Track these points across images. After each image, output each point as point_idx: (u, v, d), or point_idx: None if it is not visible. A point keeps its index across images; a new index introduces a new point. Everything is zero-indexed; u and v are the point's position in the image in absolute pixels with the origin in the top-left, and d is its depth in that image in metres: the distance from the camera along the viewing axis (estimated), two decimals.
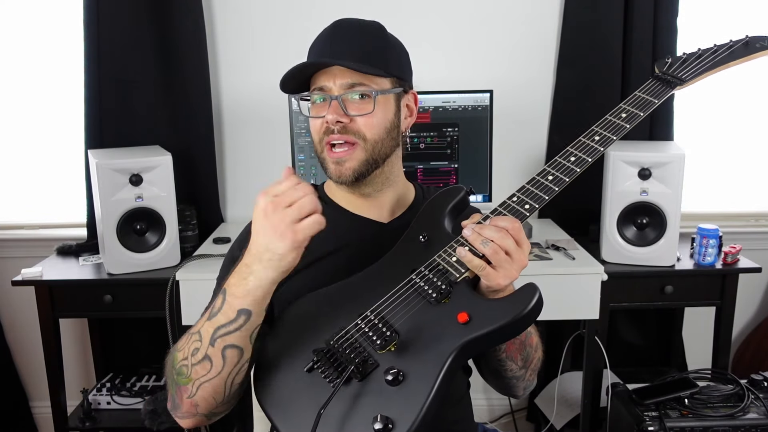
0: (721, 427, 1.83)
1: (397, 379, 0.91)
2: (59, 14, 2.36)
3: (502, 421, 2.62)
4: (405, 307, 0.99)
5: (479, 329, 0.92)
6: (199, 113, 2.31)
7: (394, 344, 0.94)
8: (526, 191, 1.05)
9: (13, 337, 2.55)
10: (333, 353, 0.97)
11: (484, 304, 0.95)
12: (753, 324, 2.63)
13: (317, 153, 1.17)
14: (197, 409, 1.01)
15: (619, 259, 2.04)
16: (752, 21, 2.43)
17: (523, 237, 0.97)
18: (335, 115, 1.09)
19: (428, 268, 1.01)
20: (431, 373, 0.90)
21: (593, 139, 1.08)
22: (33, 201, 2.52)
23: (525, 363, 1.14)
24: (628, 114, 1.11)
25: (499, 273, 0.95)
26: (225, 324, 0.97)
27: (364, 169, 1.13)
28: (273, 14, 2.33)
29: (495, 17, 2.35)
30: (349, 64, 1.08)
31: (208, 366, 0.98)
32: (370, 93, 1.11)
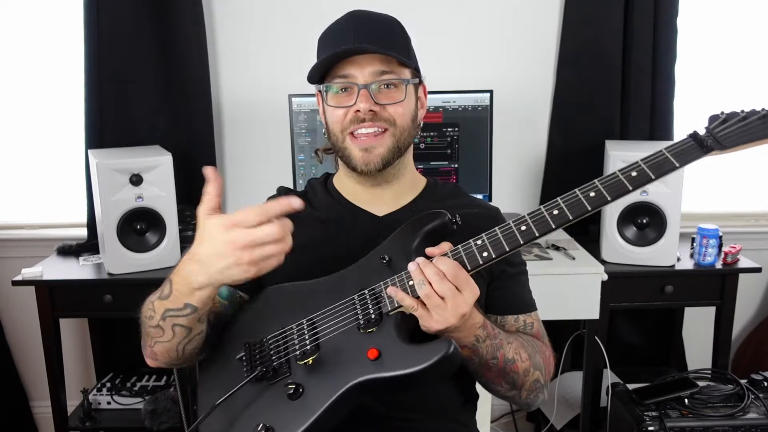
0: (721, 427, 1.83)
1: (295, 393, 0.96)
2: (59, 14, 2.36)
3: (502, 421, 2.62)
4: (336, 325, 1.01)
5: (381, 371, 0.93)
6: (199, 113, 2.31)
7: (312, 359, 0.98)
8: (493, 237, 0.98)
9: (13, 337, 2.54)
10: (262, 349, 1.04)
11: (397, 347, 0.95)
12: (753, 324, 2.63)
13: (336, 143, 1.15)
14: (157, 358, 1.09)
15: (619, 259, 2.04)
16: (752, 21, 2.43)
17: (464, 283, 0.94)
18: (368, 104, 1.09)
19: (371, 291, 1.02)
20: (322, 399, 0.94)
21: (587, 195, 0.94)
22: (33, 201, 2.52)
23: (513, 386, 1.11)
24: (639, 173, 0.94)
25: (432, 316, 0.94)
26: (173, 309, 1.00)
27: (390, 156, 1.13)
28: (273, 14, 2.33)
29: (495, 17, 2.35)
30: (386, 51, 1.08)
31: (160, 333, 1.03)
32: (401, 82, 1.11)
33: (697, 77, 2.44)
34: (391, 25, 1.16)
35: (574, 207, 0.95)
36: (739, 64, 2.47)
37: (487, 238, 0.98)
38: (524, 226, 0.96)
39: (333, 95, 1.13)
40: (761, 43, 2.46)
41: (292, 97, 2.12)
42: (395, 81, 1.11)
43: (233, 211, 2.72)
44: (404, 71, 1.13)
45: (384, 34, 1.12)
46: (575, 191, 0.96)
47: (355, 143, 1.12)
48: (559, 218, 0.95)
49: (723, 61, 2.46)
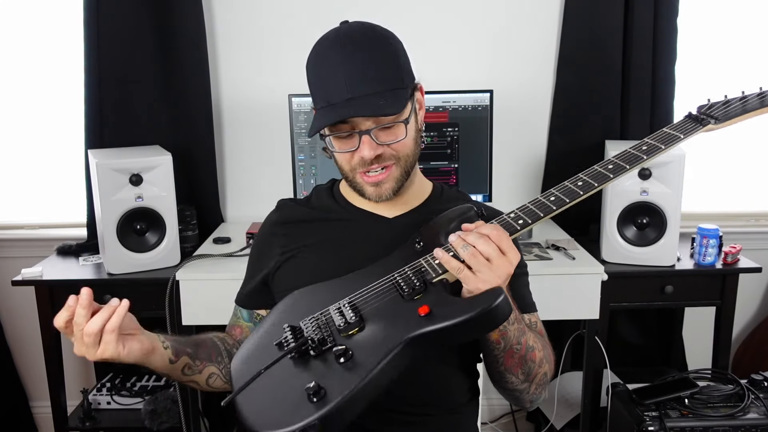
0: (721, 427, 1.83)
1: (344, 355, 0.94)
2: (59, 14, 2.36)
3: (502, 421, 2.62)
4: (377, 298, 1.02)
5: (435, 323, 0.93)
6: (199, 113, 2.31)
7: (356, 330, 0.98)
8: (524, 208, 1.05)
9: (13, 337, 2.55)
10: (301, 331, 1.02)
11: (448, 301, 0.97)
12: (753, 324, 2.63)
13: (347, 178, 1.18)
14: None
15: (619, 259, 2.04)
16: (752, 21, 2.43)
17: (507, 246, 0.97)
18: (372, 151, 1.10)
19: (411, 267, 1.04)
20: (375, 356, 0.93)
21: (606, 167, 1.06)
22: (33, 201, 2.52)
23: (527, 377, 1.12)
24: (648, 146, 1.07)
25: (478, 277, 0.96)
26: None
27: (399, 185, 1.16)
28: (273, 14, 2.33)
29: (495, 17, 2.35)
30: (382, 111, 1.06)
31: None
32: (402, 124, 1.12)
33: (697, 77, 2.44)
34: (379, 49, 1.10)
35: (596, 177, 1.05)
36: (739, 64, 2.47)
37: (518, 210, 1.05)
38: (553, 197, 1.04)
39: (335, 140, 1.14)
40: (761, 43, 2.46)
41: (292, 97, 2.12)
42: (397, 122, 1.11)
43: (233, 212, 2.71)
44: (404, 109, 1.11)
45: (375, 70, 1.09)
46: (594, 167, 1.06)
47: (365, 180, 1.15)
48: (584, 187, 1.04)
49: (723, 62, 2.46)
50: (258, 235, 1.30)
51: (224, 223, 2.45)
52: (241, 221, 2.41)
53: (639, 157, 1.06)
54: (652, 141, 1.08)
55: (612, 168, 1.05)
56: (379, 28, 1.13)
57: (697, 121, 1.11)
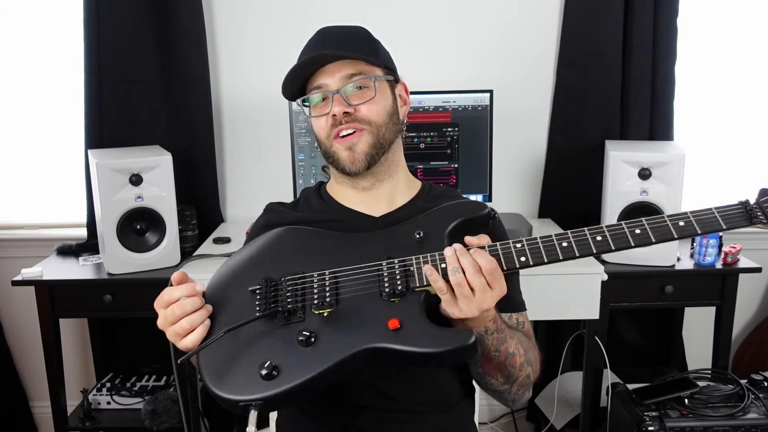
0: (721, 427, 1.83)
1: (307, 341, 0.96)
2: (59, 14, 2.36)
3: (502, 421, 2.62)
4: (359, 286, 1.03)
5: (398, 343, 0.94)
6: (199, 113, 2.31)
7: (328, 311, 0.99)
8: (533, 244, 1.00)
9: (13, 337, 2.55)
10: (277, 289, 1.04)
11: (420, 324, 0.96)
12: (753, 324, 2.63)
13: (325, 150, 1.20)
14: None
15: (619, 259, 2.03)
16: (752, 21, 2.43)
17: (497, 282, 0.97)
18: (341, 107, 1.13)
19: (401, 263, 1.03)
20: (334, 353, 0.95)
21: (633, 232, 1.00)
22: (33, 201, 2.52)
23: (507, 380, 1.13)
24: (687, 223, 0.99)
25: (456, 305, 0.96)
26: None
27: (373, 152, 1.16)
28: (273, 14, 2.33)
29: (495, 17, 2.35)
30: (346, 53, 1.13)
31: None
32: (370, 81, 1.15)
33: (697, 77, 2.45)
34: (357, 33, 1.20)
35: (618, 238, 1.00)
36: (739, 64, 2.47)
37: (527, 244, 1.00)
38: (566, 243, 1.00)
39: (314, 107, 1.19)
40: (761, 43, 2.46)
41: (295, 103, 2.11)
42: (364, 80, 1.15)
43: (233, 212, 2.71)
44: (374, 70, 1.17)
45: (349, 41, 1.17)
46: (621, 224, 1.00)
47: (339, 143, 1.16)
48: (601, 245, 0.99)
49: (723, 62, 2.46)
50: (247, 240, 1.30)
51: (224, 223, 2.45)
52: (241, 221, 2.41)
53: (670, 233, 0.99)
54: (692, 219, 0.99)
55: (639, 234, 1.00)
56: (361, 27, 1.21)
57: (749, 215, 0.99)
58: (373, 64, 1.16)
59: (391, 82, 1.20)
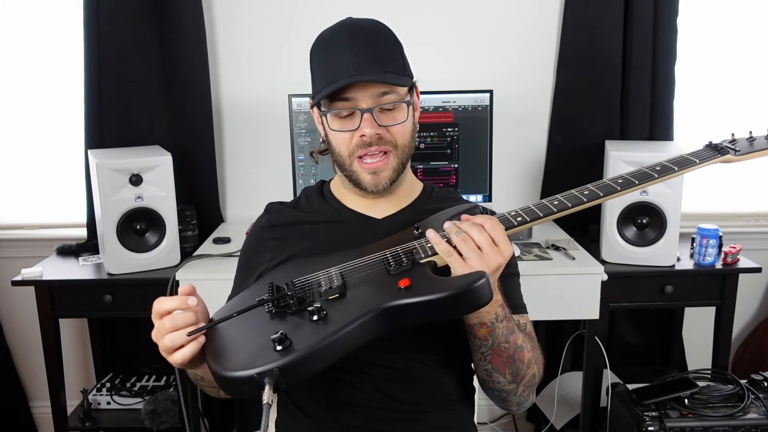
0: (721, 427, 1.83)
1: (317, 313, 0.94)
2: (59, 14, 2.36)
3: (502, 421, 2.62)
4: (365, 271, 1.04)
5: (412, 297, 0.93)
6: (199, 113, 2.31)
7: (337, 294, 0.99)
8: (525, 208, 1.06)
9: (13, 337, 2.55)
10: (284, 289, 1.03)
11: (429, 278, 0.97)
12: (753, 324, 2.63)
13: (343, 166, 1.17)
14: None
15: (619, 259, 2.04)
16: (752, 21, 2.43)
17: (500, 237, 0.98)
18: (373, 129, 1.11)
19: (403, 248, 1.06)
20: (346, 318, 0.93)
21: (616, 181, 1.06)
22: (33, 201, 2.52)
23: (514, 378, 1.12)
24: (663, 167, 1.08)
25: (466, 263, 0.96)
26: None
27: (396, 176, 1.17)
28: (273, 14, 2.33)
29: (495, 17, 2.35)
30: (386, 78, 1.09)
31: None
32: (403, 104, 1.14)
33: (697, 77, 2.44)
34: (384, 38, 1.15)
35: (602, 188, 1.06)
36: (739, 64, 2.47)
37: (519, 209, 1.05)
38: (556, 201, 1.05)
39: (335, 118, 1.14)
40: (761, 43, 2.46)
41: (292, 97, 2.12)
42: (398, 102, 1.13)
43: (233, 212, 2.71)
44: (402, 89, 1.15)
45: (380, 54, 1.12)
46: (603, 180, 1.07)
47: (363, 167, 1.15)
48: (590, 196, 1.05)
49: (723, 62, 2.46)
50: (248, 240, 1.30)
51: (224, 223, 2.45)
52: (241, 221, 2.41)
53: (650, 176, 1.06)
54: (667, 163, 1.08)
55: (621, 182, 1.06)
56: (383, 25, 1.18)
57: (716, 150, 1.11)
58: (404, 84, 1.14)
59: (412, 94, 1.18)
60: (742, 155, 1.11)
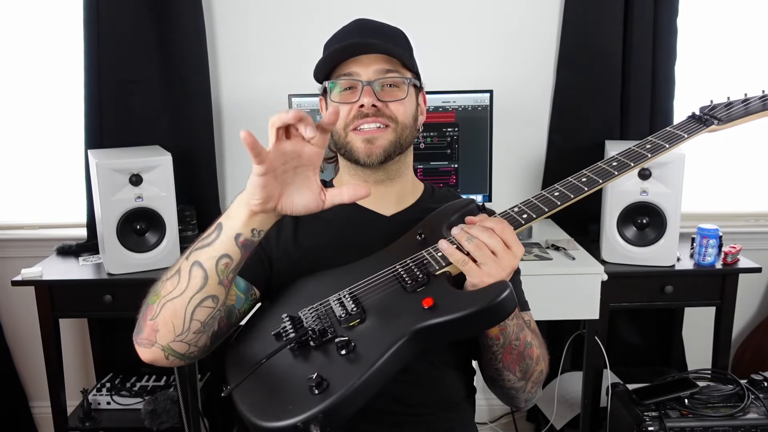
0: (721, 427, 1.83)
1: (346, 347, 0.92)
2: (59, 14, 2.36)
3: (502, 421, 2.62)
4: (379, 290, 1.01)
5: (440, 316, 0.91)
6: (199, 113, 2.31)
7: (357, 321, 0.96)
8: (528, 203, 1.05)
9: (13, 337, 2.55)
10: (300, 321, 1.00)
11: (452, 294, 0.95)
12: (753, 324, 2.63)
13: (338, 140, 1.16)
14: (156, 336, 1.02)
15: (619, 259, 2.04)
16: (752, 21, 2.43)
17: (512, 239, 0.97)
18: (371, 99, 1.11)
19: (413, 259, 1.03)
20: (379, 349, 0.90)
21: (610, 164, 1.06)
22: (33, 201, 2.52)
23: (524, 375, 1.12)
24: (653, 145, 1.08)
25: (483, 270, 0.94)
26: (203, 237, 1.00)
27: (392, 150, 1.14)
28: (273, 14, 2.33)
29: (495, 17, 2.35)
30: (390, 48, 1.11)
31: (175, 281, 1.00)
32: (403, 81, 1.15)
33: (697, 77, 2.44)
34: (396, 32, 1.20)
35: (600, 173, 1.04)
36: (739, 64, 2.47)
37: (522, 205, 1.04)
38: (557, 192, 1.04)
39: (337, 93, 1.15)
40: (761, 43, 2.46)
41: (292, 97, 2.12)
42: (398, 79, 1.14)
43: None
44: (407, 72, 1.16)
45: (389, 38, 1.15)
46: (597, 163, 1.06)
47: (357, 135, 1.14)
48: (588, 183, 1.03)
49: (723, 62, 2.46)
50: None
51: None
52: None
53: (643, 155, 1.06)
54: (656, 140, 1.09)
55: (616, 165, 1.05)
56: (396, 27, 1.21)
57: (701, 121, 1.11)
58: (407, 67, 1.16)
59: (417, 88, 1.20)
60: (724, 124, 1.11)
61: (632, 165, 1.05)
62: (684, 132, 1.09)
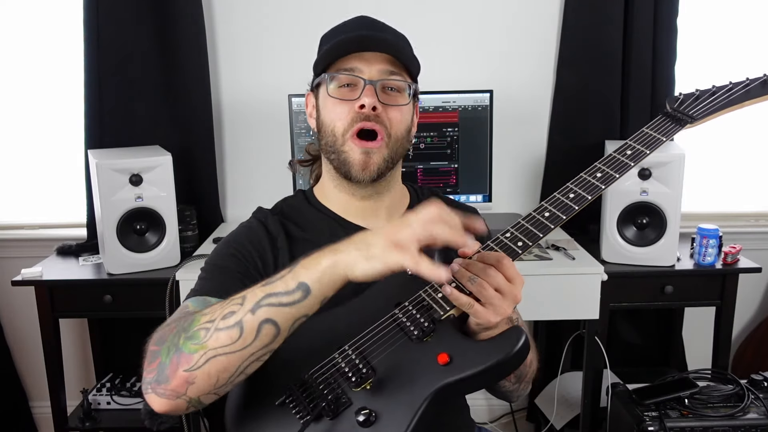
0: (721, 427, 1.83)
1: (369, 420, 0.87)
2: (59, 14, 2.36)
3: (502, 421, 2.62)
4: (385, 344, 0.95)
5: (459, 372, 0.88)
6: (199, 113, 2.31)
7: (369, 383, 0.91)
8: (520, 227, 1.00)
9: (13, 337, 2.55)
10: (306, 388, 0.93)
11: (466, 345, 0.91)
12: (753, 324, 2.63)
13: (334, 145, 1.10)
14: (187, 389, 0.86)
15: (619, 259, 2.04)
16: (752, 21, 2.43)
17: (513, 273, 0.93)
18: (373, 99, 1.06)
19: (412, 303, 0.97)
20: (404, 416, 0.87)
21: (595, 176, 1.03)
22: (33, 201, 2.52)
23: (519, 380, 1.13)
24: (633, 151, 1.05)
25: (489, 310, 0.91)
26: (279, 293, 0.86)
27: (384, 167, 1.10)
28: (273, 14, 2.33)
29: (495, 17, 2.35)
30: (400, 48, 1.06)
31: (234, 335, 0.85)
32: (406, 86, 1.10)
33: (697, 77, 2.44)
34: (401, 35, 1.16)
35: (587, 188, 1.02)
36: (739, 65, 2.47)
37: (515, 230, 1.00)
38: (547, 212, 1.01)
39: (335, 88, 1.09)
40: (761, 43, 2.46)
41: (292, 97, 2.12)
42: (401, 84, 1.10)
43: (233, 212, 2.70)
44: (408, 78, 1.12)
45: (395, 38, 1.12)
46: (581, 175, 1.04)
47: (356, 144, 1.08)
48: (577, 200, 1.00)
49: (723, 62, 2.46)
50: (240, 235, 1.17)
51: (224, 223, 2.45)
52: (241, 221, 2.40)
53: (626, 165, 1.04)
54: (636, 145, 1.07)
55: (600, 177, 1.03)
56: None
57: (675, 120, 1.10)
58: (410, 74, 1.11)
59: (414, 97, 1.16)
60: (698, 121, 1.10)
61: (617, 176, 1.03)
62: (662, 135, 1.08)
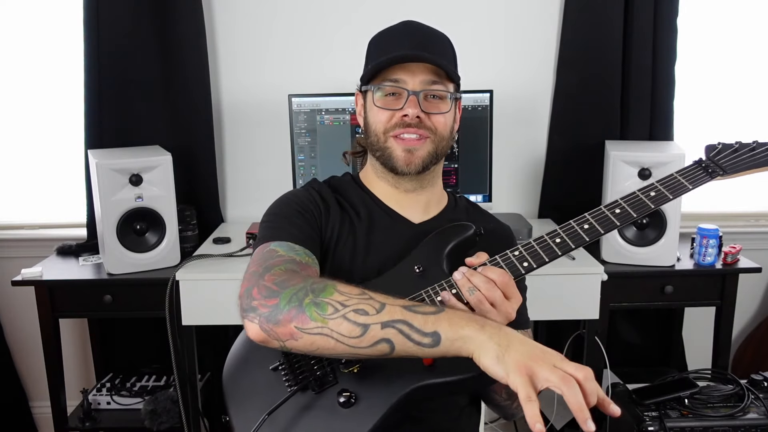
0: (721, 427, 1.83)
1: (348, 401, 0.95)
2: (59, 14, 2.36)
3: (502, 421, 2.62)
4: None
5: (438, 377, 0.94)
6: (199, 113, 2.31)
7: (357, 366, 0.98)
8: (529, 248, 1.03)
9: (13, 337, 2.55)
10: (299, 359, 1.01)
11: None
12: (753, 324, 2.63)
13: (376, 143, 1.17)
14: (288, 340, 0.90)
15: (619, 259, 2.04)
16: (752, 21, 2.43)
17: (512, 291, 0.98)
18: (416, 110, 1.12)
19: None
20: (380, 406, 0.94)
21: (613, 212, 1.04)
22: (33, 201, 2.52)
23: (510, 396, 1.14)
24: (657, 193, 1.06)
25: None
26: (414, 326, 0.86)
27: (429, 161, 1.16)
28: (273, 14, 2.33)
29: (495, 17, 2.35)
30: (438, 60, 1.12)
31: (354, 332, 0.87)
32: (447, 94, 1.16)
33: (697, 77, 2.44)
34: (444, 40, 1.23)
35: (603, 222, 1.03)
36: (739, 64, 2.47)
37: (524, 250, 1.03)
38: (558, 239, 1.03)
39: (381, 98, 1.16)
40: (761, 43, 2.46)
41: (292, 97, 2.11)
42: (443, 92, 1.15)
43: (233, 212, 2.69)
44: (450, 85, 1.18)
45: (437, 47, 1.18)
46: (601, 208, 1.05)
47: (398, 144, 1.15)
48: (590, 232, 1.03)
49: (723, 62, 2.46)
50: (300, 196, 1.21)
51: (224, 223, 2.45)
52: (241, 221, 2.41)
53: (647, 206, 1.04)
54: (661, 187, 1.07)
55: (620, 213, 1.04)
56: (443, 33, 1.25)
57: (707, 171, 1.10)
58: (452, 80, 1.17)
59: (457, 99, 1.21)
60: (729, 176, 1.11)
61: (635, 216, 1.04)
62: (690, 183, 1.08)
